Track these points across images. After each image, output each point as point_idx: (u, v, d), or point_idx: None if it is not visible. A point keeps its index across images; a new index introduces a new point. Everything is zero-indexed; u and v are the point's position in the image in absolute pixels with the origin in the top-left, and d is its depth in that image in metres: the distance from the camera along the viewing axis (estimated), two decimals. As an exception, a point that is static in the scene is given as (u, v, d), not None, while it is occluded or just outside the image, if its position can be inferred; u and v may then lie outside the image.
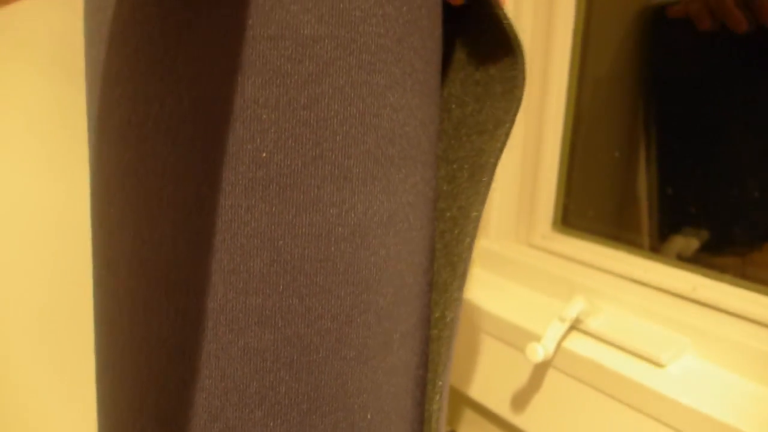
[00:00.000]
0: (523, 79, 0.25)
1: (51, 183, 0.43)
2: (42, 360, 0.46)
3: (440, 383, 0.25)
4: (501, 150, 0.25)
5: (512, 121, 0.25)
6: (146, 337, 0.22)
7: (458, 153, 0.26)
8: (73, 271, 0.46)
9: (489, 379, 0.61)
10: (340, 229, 0.21)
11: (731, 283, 0.53)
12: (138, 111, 0.21)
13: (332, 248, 0.21)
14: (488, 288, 0.64)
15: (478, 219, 0.25)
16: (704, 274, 0.55)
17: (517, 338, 0.55)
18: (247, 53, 0.19)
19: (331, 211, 0.21)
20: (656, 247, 0.65)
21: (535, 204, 0.67)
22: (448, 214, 0.26)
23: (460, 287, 0.25)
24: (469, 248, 0.25)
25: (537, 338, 0.51)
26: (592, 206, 0.70)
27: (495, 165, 0.25)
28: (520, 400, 0.58)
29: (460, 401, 0.70)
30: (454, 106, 0.27)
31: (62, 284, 0.45)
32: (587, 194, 0.70)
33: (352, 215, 0.21)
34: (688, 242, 0.64)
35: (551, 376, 0.54)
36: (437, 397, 0.25)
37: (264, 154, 0.20)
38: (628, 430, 0.48)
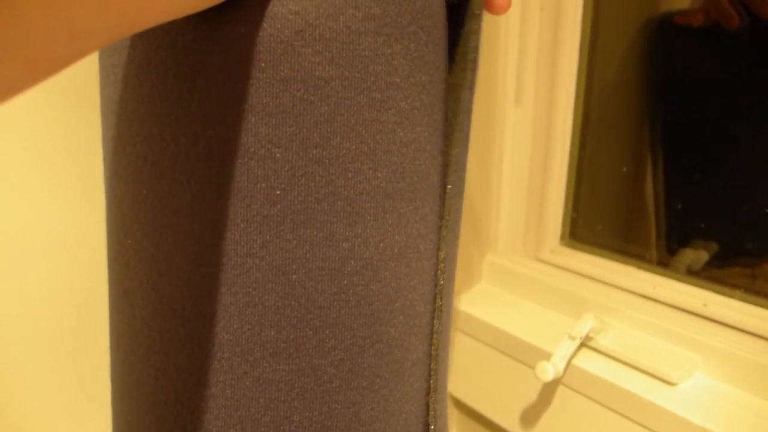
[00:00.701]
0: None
1: (65, 204, 0.44)
2: (54, 381, 0.47)
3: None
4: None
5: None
6: (162, 367, 0.23)
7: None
8: (87, 293, 0.46)
9: (499, 395, 0.61)
10: (352, 263, 0.21)
11: (742, 299, 0.53)
12: (154, 149, 0.21)
13: (345, 282, 0.21)
14: (497, 303, 0.64)
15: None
16: (715, 290, 0.55)
17: (527, 355, 0.55)
18: (260, 95, 0.20)
19: (344, 245, 0.21)
20: (665, 260, 0.64)
21: (544, 218, 0.67)
22: None
23: (438, 318, 0.25)
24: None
25: (547, 356, 0.51)
26: (600, 220, 0.70)
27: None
28: (530, 416, 0.58)
29: (470, 417, 0.70)
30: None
31: (76, 306, 0.46)
32: (595, 208, 0.70)
33: (364, 249, 0.21)
34: (697, 255, 0.64)
35: (561, 394, 0.54)
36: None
37: (278, 192, 0.20)
38: (640, 448, 0.48)
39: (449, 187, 0.25)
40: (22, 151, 0.41)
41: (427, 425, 0.26)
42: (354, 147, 0.21)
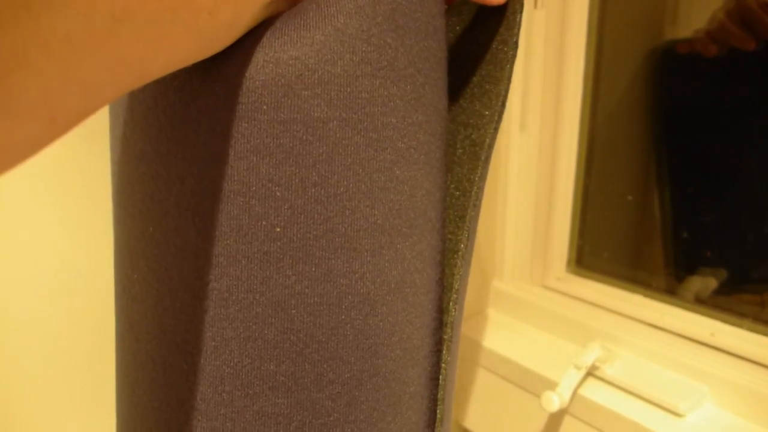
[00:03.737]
0: (513, 60, 0.25)
1: (75, 234, 0.45)
2: (61, 410, 0.48)
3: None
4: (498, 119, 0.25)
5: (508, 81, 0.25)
6: (166, 399, 0.23)
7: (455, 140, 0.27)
8: (95, 324, 0.47)
9: (504, 423, 0.61)
10: (350, 298, 0.22)
11: (750, 329, 0.53)
12: (160, 188, 0.22)
13: (343, 317, 0.22)
14: (503, 330, 0.64)
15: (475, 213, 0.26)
16: (723, 320, 0.54)
17: (532, 384, 0.55)
18: (262, 136, 0.21)
19: (342, 281, 0.22)
20: (673, 288, 0.64)
21: (550, 245, 0.67)
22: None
23: (447, 348, 0.26)
24: (462, 259, 0.25)
25: (552, 385, 0.51)
26: (606, 247, 0.70)
27: (494, 134, 0.26)
28: (538, 446, 0.57)
29: (478, 446, 0.70)
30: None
31: (83, 335, 0.47)
32: (601, 236, 0.70)
33: (362, 285, 0.22)
34: (705, 283, 0.63)
35: (567, 424, 0.53)
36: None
37: (278, 229, 0.21)
38: (648, 480, 0.47)
39: (468, 223, 0.25)
40: (33, 182, 0.42)
41: None
42: (352, 185, 0.21)
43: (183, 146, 0.21)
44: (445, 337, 0.26)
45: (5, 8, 0.11)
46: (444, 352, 0.25)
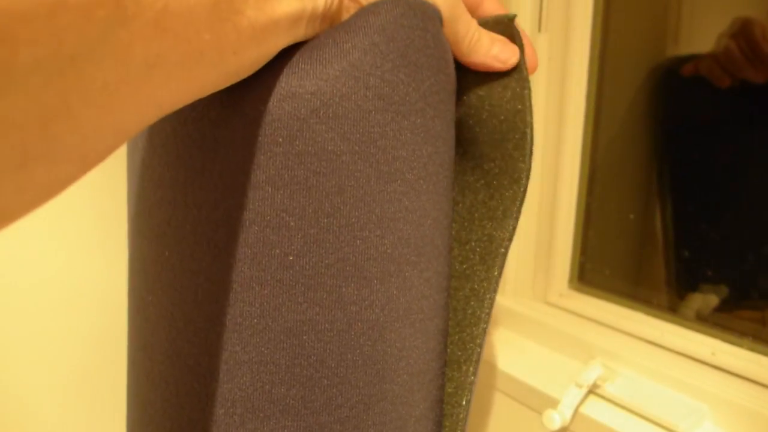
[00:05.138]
0: (528, 172, 0.26)
1: (89, 256, 0.46)
2: (70, 424, 0.48)
3: None
4: (510, 239, 0.26)
5: (518, 211, 0.27)
6: (178, 420, 0.24)
7: (471, 236, 0.28)
8: (107, 344, 0.48)
9: (507, 439, 0.61)
10: (359, 324, 0.22)
11: (751, 348, 0.53)
12: (177, 215, 0.23)
13: (352, 342, 0.22)
14: (504, 346, 0.64)
15: (491, 305, 0.27)
16: (723, 338, 0.55)
17: (533, 401, 0.55)
18: (277, 167, 0.21)
19: (352, 308, 0.22)
20: (674, 305, 0.65)
21: (552, 262, 0.68)
22: (461, 293, 0.28)
23: (475, 371, 0.26)
24: (483, 334, 0.26)
25: (554, 402, 0.51)
26: (608, 264, 0.70)
27: (505, 254, 0.27)
28: (539, 462, 0.58)
29: (478, 460, 0.70)
30: (467, 191, 0.29)
31: (95, 355, 0.48)
32: (603, 252, 0.70)
33: (371, 312, 0.23)
34: (706, 300, 0.64)
35: (569, 441, 0.53)
36: None
37: (291, 257, 0.22)
38: (648, 499, 0.48)
39: (502, 251, 0.26)
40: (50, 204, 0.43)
41: None
42: (363, 216, 0.22)
43: (200, 175, 0.22)
44: (475, 358, 0.26)
45: (53, 60, 0.11)
46: (471, 375, 0.26)
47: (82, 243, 0.45)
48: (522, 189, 0.27)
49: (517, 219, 0.26)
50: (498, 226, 0.27)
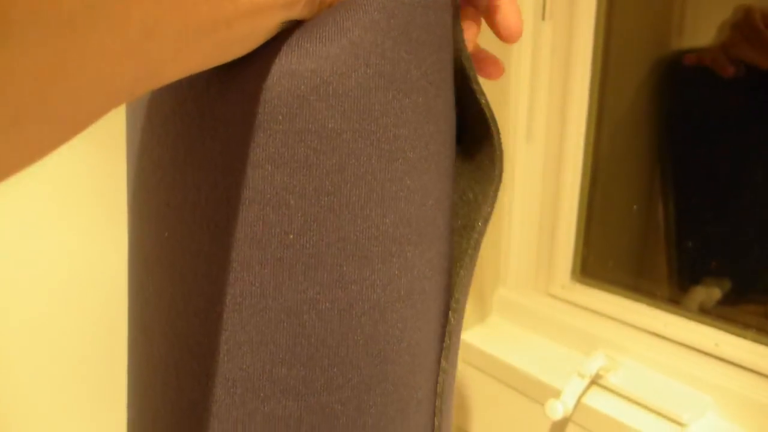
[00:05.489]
0: (501, 158, 0.26)
1: (88, 236, 0.45)
2: (71, 412, 0.48)
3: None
4: (485, 221, 0.26)
5: (493, 198, 0.27)
6: (178, 402, 0.24)
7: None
8: (107, 326, 0.48)
9: (507, 430, 0.61)
10: (360, 304, 0.22)
11: (754, 340, 0.53)
12: (176, 195, 0.23)
13: (353, 322, 0.22)
14: (507, 338, 0.64)
15: (464, 284, 0.27)
16: (726, 330, 0.55)
17: (536, 392, 0.55)
18: (277, 145, 0.21)
19: (353, 288, 0.22)
20: (677, 298, 0.64)
21: (554, 253, 0.68)
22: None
23: (446, 357, 0.26)
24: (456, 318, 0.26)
25: (556, 393, 0.51)
26: (611, 256, 0.70)
27: (479, 235, 0.26)
28: (541, 454, 0.58)
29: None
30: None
31: (96, 337, 0.48)
32: (606, 244, 0.70)
33: (372, 291, 0.22)
34: (709, 293, 0.64)
35: None
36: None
37: (291, 236, 0.21)
38: (651, 490, 0.47)
39: (476, 236, 0.26)
40: (46, 185, 0.43)
41: None
42: (363, 195, 0.22)
43: (199, 154, 0.22)
44: (444, 345, 0.26)
45: (51, 16, 0.11)
46: (442, 360, 0.26)
47: (82, 228, 0.45)
48: (495, 177, 0.26)
49: (492, 205, 0.26)
50: (476, 209, 0.27)
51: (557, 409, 0.48)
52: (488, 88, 0.27)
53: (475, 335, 0.65)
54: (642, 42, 0.71)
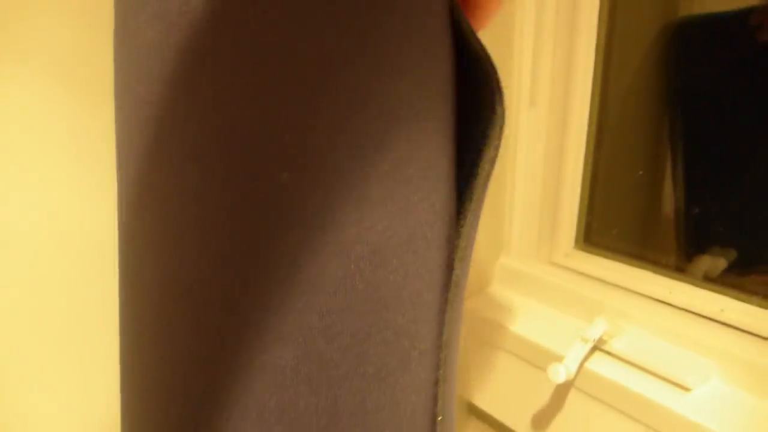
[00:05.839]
0: (501, 97, 0.25)
1: (73, 198, 0.44)
2: (58, 377, 0.48)
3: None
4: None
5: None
6: (169, 353, 0.23)
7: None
8: (92, 279, 0.47)
9: (510, 397, 0.60)
10: (359, 248, 0.21)
11: (761, 306, 0.52)
12: (164, 132, 0.21)
13: (352, 267, 0.21)
14: (509, 306, 0.63)
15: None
16: (733, 296, 0.54)
17: (538, 358, 0.55)
18: (266, 83, 0.20)
19: (351, 230, 0.21)
20: (682, 266, 0.64)
21: (558, 222, 0.67)
22: None
23: (451, 307, 0.25)
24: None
25: (559, 359, 0.50)
26: (615, 224, 0.69)
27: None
28: (541, 420, 0.57)
29: (481, 419, 0.70)
30: None
31: (84, 297, 0.47)
32: (611, 212, 0.69)
33: (372, 235, 0.21)
34: (715, 262, 0.63)
35: (573, 397, 0.53)
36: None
37: (285, 174, 0.20)
38: (653, 454, 0.47)
39: (477, 179, 0.25)
40: (28, 140, 0.42)
41: (434, 417, 0.26)
42: (362, 132, 0.21)
43: (187, 90, 0.21)
44: (449, 295, 0.25)
45: None
46: (447, 309, 0.25)
47: (66, 183, 0.44)
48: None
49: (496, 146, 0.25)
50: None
51: (560, 373, 0.47)
52: (490, 52, 0.26)
53: (477, 304, 0.64)
54: (650, 5, 0.69)
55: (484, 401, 0.64)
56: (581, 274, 0.62)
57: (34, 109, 0.41)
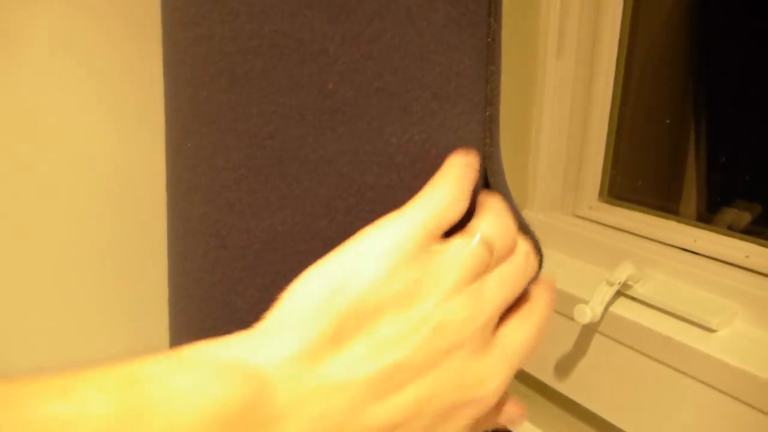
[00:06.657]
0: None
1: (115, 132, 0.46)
2: (108, 308, 0.50)
3: None
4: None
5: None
6: (219, 261, 0.24)
7: None
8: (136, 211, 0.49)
9: (533, 346, 0.62)
10: (400, 157, 0.22)
11: (787, 252, 0.52)
12: (212, 52, 0.22)
13: (393, 175, 0.22)
14: (533, 258, 0.64)
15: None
16: (759, 243, 0.54)
17: (563, 304, 0.56)
18: None
19: (392, 140, 0.22)
20: (707, 218, 0.63)
21: (582, 174, 0.67)
22: None
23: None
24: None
25: (584, 302, 0.51)
26: (640, 176, 0.69)
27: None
28: (565, 367, 0.58)
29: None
30: None
31: (125, 226, 0.49)
32: (636, 164, 0.69)
33: (412, 146, 0.22)
34: (740, 215, 0.62)
35: (597, 342, 0.54)
36: None
37: (330, 85, 0.21)
38: (675, 394, 0.48)
39: (489, 40, 0.24)
40: (83, 81, 0.43)
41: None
42: (403, 45, 0.21)
43: (233, 6, 0.22)
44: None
45: None
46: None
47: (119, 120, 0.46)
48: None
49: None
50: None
51: (585, 313, 0.48)
52: (517, 2, 0.26)
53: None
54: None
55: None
56: (606, 225, 0.63)
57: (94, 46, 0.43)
